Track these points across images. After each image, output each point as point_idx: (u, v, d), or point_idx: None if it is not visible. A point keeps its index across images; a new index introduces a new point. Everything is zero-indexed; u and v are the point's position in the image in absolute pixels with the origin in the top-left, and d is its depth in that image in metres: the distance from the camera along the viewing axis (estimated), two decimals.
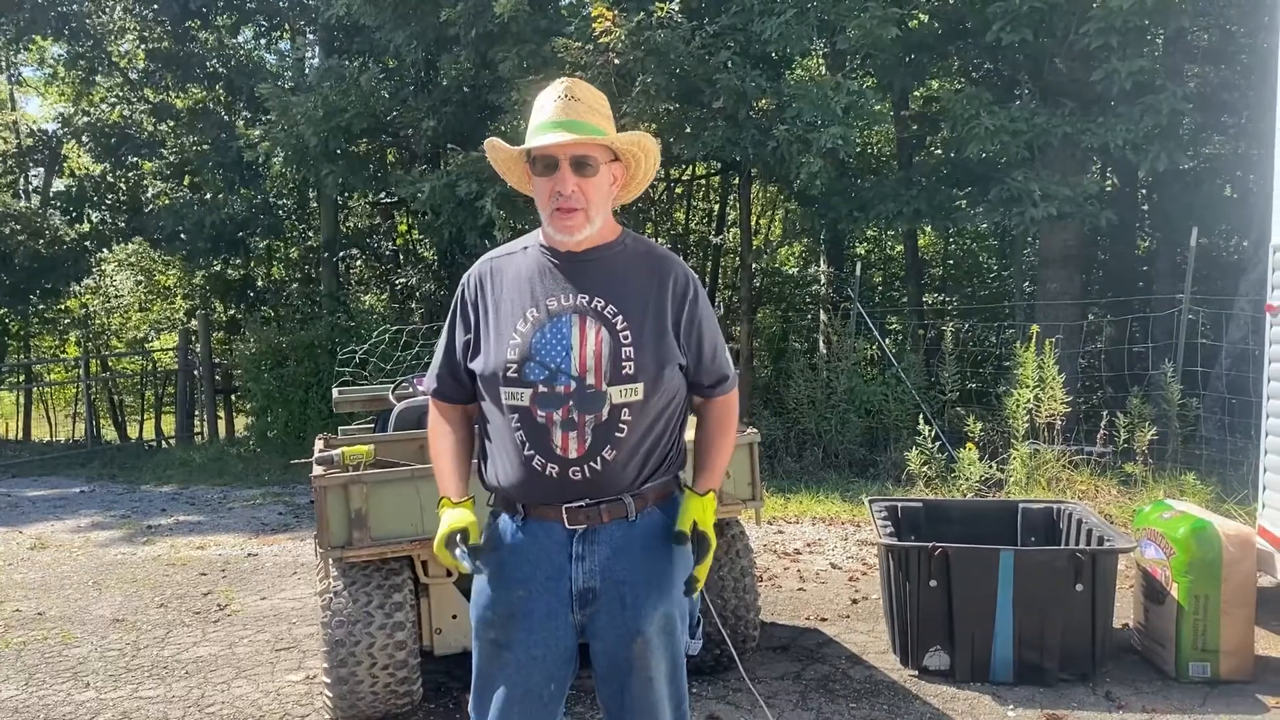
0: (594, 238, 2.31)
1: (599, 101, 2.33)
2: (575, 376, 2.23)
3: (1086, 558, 4.11)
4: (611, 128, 2.33)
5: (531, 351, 2.25)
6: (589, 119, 2.26)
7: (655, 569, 2.31)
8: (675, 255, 2.44)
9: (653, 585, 2.30)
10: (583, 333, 2.25)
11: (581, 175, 2.25)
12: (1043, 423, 7.92)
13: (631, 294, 2.29)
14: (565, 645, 2.32)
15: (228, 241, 15.08)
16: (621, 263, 2.33)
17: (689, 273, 2.38)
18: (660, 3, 9.08)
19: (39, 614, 5.93)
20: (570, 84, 2.29)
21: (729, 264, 16.63)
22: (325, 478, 3.73)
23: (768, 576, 6.05)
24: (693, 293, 2.34)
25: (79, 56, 17.00)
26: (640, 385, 2.24)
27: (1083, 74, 9.21)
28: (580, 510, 2.26)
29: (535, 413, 2.24)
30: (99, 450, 14.78)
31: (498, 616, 2.33)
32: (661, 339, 2.28)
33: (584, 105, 2.27)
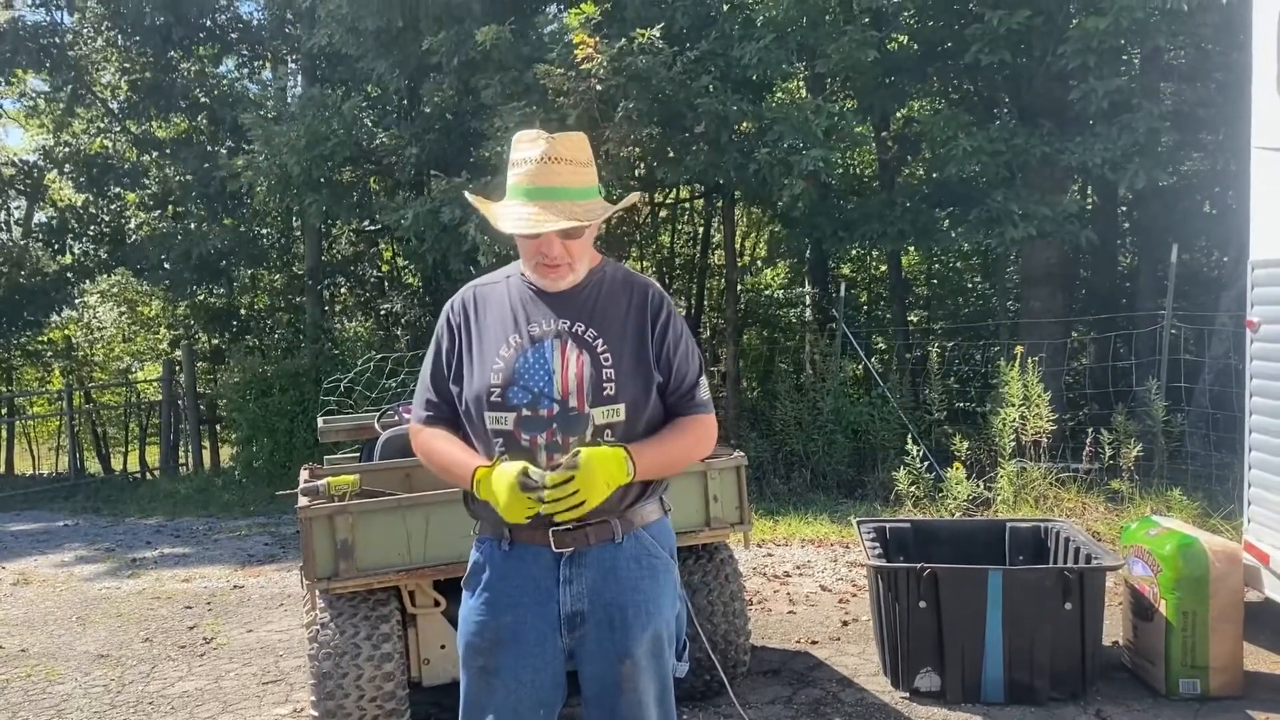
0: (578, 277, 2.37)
1: (580, 151, 2.32)
2: (558, 399, 2.26)
3: (1075, 576, 4.11)
4: (594, 178, 2.35)
5: (514, 376, 2.28)
6: (572, 181, 2.27)
7: (643, 591, 2.31)
8: (652, 280, 2.45)
9: (640, 607, 2.30)
10: (564, 356, 2.28)
11: (567, 239, 2.28)
12: (1029, 441, 7.94)
13: (611, 318, 2.33)
14: (555, 670, 2.32)
15: (211, 271, 15.06)
16: (601, 289, 2.37)
17: (664, 296, 2.40)
18: (641, 29, 9.14)
19: (22, 650, 5.86)
20: (549, 144, 2.27)
21: (714, 286, 16.66)
22: (311, 508, 3.71)
23: (757, 600, 6.03)
24: (665, 314, 2.36)
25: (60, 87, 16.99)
26: (622, 406, 2.27)
27: (1061, 94, 9.31)
28: (567, 534, 2.25)
29: (519, 436, 2.27)
30: (83, 483, 14.66)
31: (485, 643, 2.32)
32: (641, 361, 2.31)
33: (565, 165, 2.27)
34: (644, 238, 15.61)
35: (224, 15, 15.41)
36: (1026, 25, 8.80)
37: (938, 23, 10.48)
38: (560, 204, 2.24)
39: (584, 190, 2.29)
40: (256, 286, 17.67)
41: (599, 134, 9.43)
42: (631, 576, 2.31)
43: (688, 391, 2.38)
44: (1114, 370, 10.11)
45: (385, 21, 10.11)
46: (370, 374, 8.39)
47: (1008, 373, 8.12)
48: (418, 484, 4.35)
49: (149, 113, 15.95)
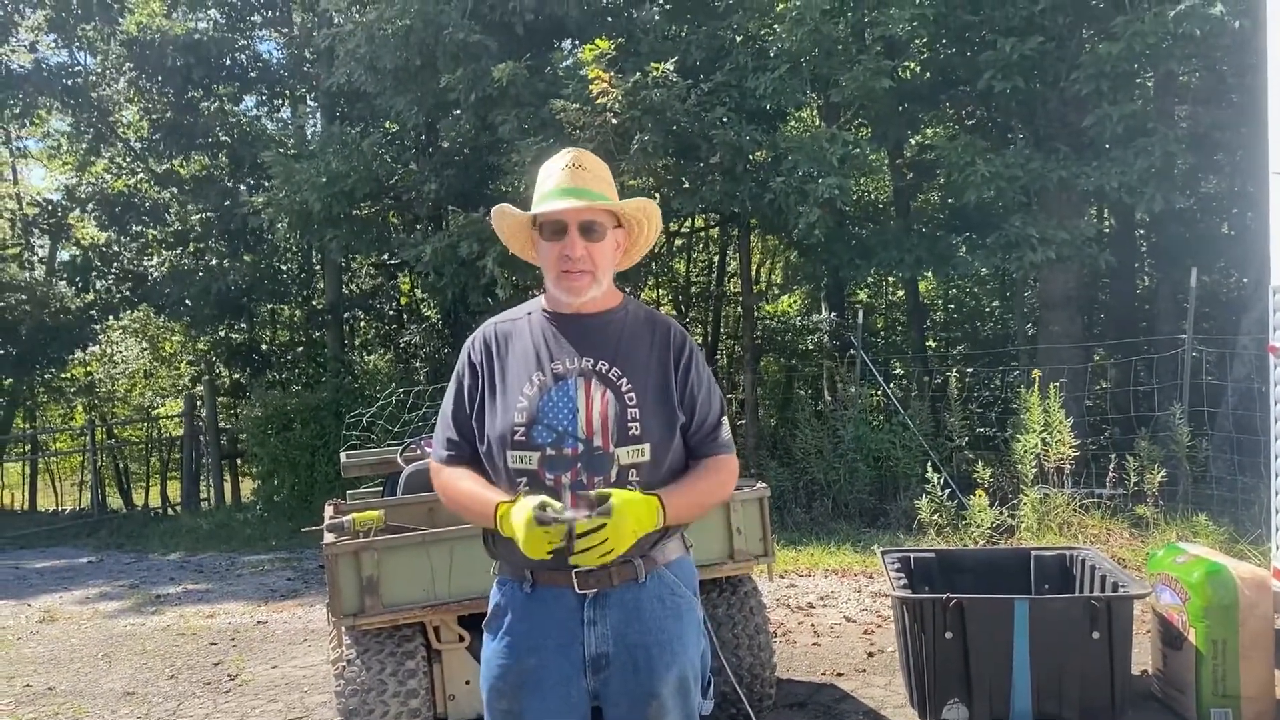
0: (598, 301, 2.35)
1: (603, 170, 2.38)
2: (583, 439, 2.24)
3: (1102, 605, 4.08)
4: (615, 195, 2.37)
5: (539, 415, 2.26)
6: (595, 186, 2.31)
7: (667, 630, 2.29)
8: (673, 320, 2.45)
9: (665, 647, 2.28)
10: (588, 395, 2.26)
11: (589, 240, 2.29)
12: (1051, 467, 7.90)
13: (635, 357, 2.32)
14: (579, 713, 2.30)
15: (232, 307, 15.21)
16: (624, 327, 2.36)
17: (685, 335, 2.40)
18: (655, 63, 9.23)
19: (49, 689, 5.89)
20: (577, 154, 2.34)
21: (731, 314, 16.70)
22: (336, 545, 3.73)
23: (782, 632, 6.00)
24: (688, 353, 2.36)
25: (83, 128, 17.27)
26: (647, 446, 2.26)
27: (1075, 119, 9.33)
28: (590, 574, 2.23)
29: (543, 476, 2.24)
30: (105, 519, 14.75)
31: (509, 687, 2.29)
32: (665, 400, 2.30)
33: (590, 174, 2.32)
34: (660, 267, 15.69)
35: (243, 55, 15.64)
36: (1039, 51, 8.85)
37: (950, 50, 10.53)
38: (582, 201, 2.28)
39: (605, 198, 2.32)
40: (276, 321, 17.82)
41: (615, 167, 9.51)
42: (656, 616, 2.28)
43: (710, 432, 2.36)
44: (1135, 394, 10.06)
45: (403, 60, 10.24)
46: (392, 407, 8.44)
47: (1028, 398, 8.09)
48: (441, 519, 4.36)
49: (170, 151, 16.18)
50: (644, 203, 2.39)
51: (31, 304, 16.24)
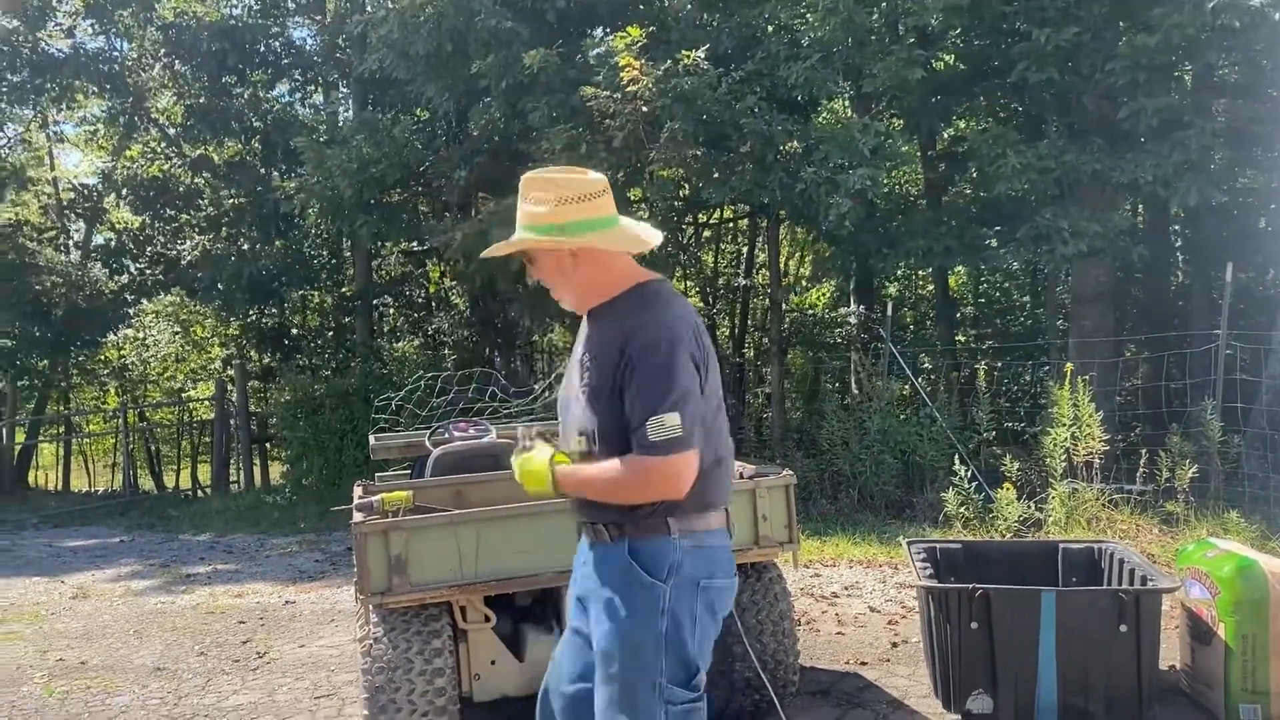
0: (582, 302, 2.65)
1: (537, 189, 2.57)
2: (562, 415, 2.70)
3: (1130, 598, 4.05)
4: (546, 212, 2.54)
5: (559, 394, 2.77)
6: (522, 216, 2.60)
7: (607, 598, 2.52)
8: (647, 320, 2.49)
9: (602, 611, 2.53)
10: (570, 380, 2.65)
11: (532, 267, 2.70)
12: (1080, 461, 7.84)
13: (602, 352, 2.53)
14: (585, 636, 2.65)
15: (263, 292, 15.33)
16: (605, 323, 2.59)
17: (638, 338, 2.46)
18: (687, 51, 9.21)
19: (81, 663, 5.99)
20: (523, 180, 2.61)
21: (758, 305, 16.66)
22: (365, 524, 3.76)
23: (805, 620, 6.00)
24: (632, 354, 2.44)
25: (119, 113, 17.44)
26: (584, 438, 2.54)
27: (1110, 111, 9.23)
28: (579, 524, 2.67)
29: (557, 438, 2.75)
30: (137, 500, 14.95)
31: None
32: (609, 394, 2.48)
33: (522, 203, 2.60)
34: (688, 258, 15.67)
35: (277, 41, 15.74)
36: (1074, 42, 8.75)
37: (984, 41, 10.45)
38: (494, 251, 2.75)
39: (527, 228, 2.57)
40: (307, 307, 17.96)
41: (644, 155, 9.51)
42: (603, 580, 2.55)
43: (635, 430, 2.43)
44: (1167, 390, 9.96)
45: (435, 46, 10.27)
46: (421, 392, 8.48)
47: (1058, 392, 8.03)
48: (468, 500, 4.40)
49: (204, 136, 16.31)
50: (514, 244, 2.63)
51: (66, 287, 16.45)
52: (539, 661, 3.85)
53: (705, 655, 2.58)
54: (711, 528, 2.60)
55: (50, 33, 17.06)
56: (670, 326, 2.48)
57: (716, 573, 2.58)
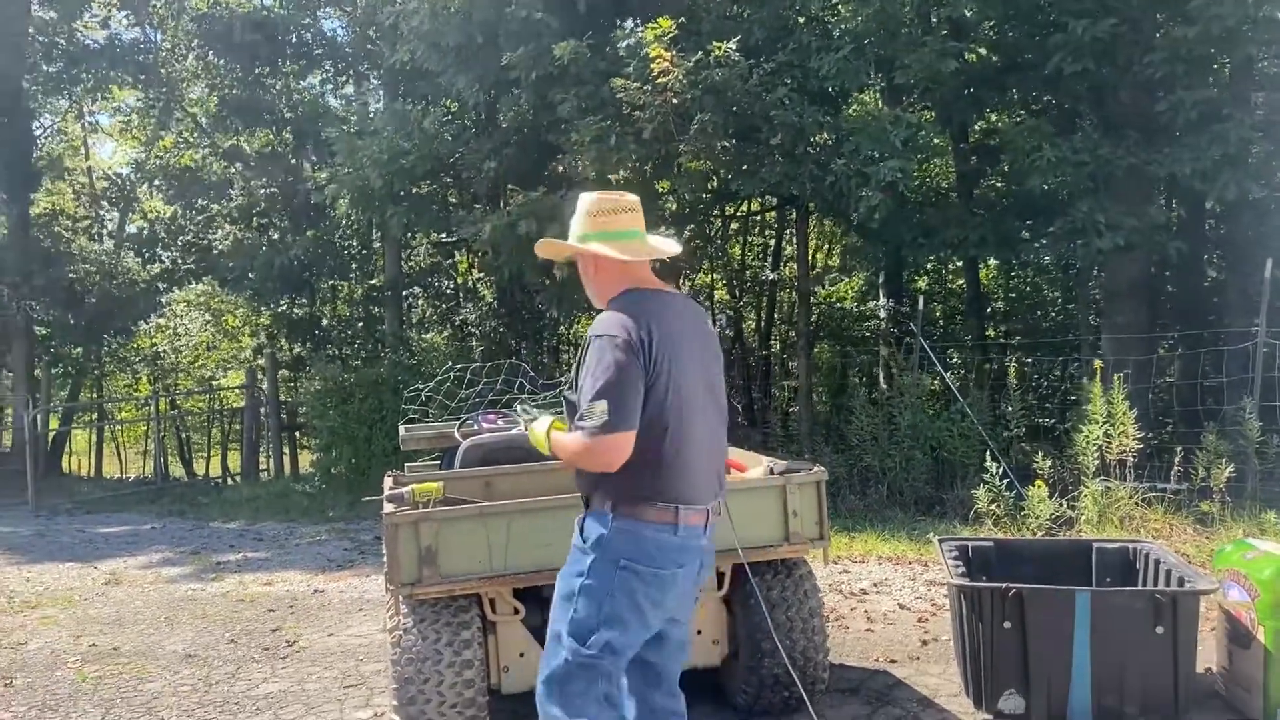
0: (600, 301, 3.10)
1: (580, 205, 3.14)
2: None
3: (1167, 599, 3.99)
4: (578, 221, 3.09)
5: None
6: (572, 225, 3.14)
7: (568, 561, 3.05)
8: (601, 319, 2.96)
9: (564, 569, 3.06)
10: None
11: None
12: (1113, 459, 7.74)
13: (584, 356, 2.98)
14: None
15: (294, 282, 15.42)
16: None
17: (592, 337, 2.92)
18: (717, 42, 9.16)
19: (114, 649, 6.05)
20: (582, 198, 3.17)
21: (785, 299, 16.58)
22: (396, 515, 3.77)
23: (835, 617, 5.96)
24: (585, 352, 2.92)
25: (152, 103, 17.59)
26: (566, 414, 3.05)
27: (1147, 104, 9.10)
28: None
29: None
30: (168, 487, 15.10)
31: None
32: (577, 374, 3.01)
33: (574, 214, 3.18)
34: (715, 251, 15.62)
35: (309, 32, 15.81)
36: (1111, 34, 8.63)
37: (1019, 33, 10.33)
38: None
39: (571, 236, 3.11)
40: (337, 297, 18.06)
41: (673, 147, 9.48)
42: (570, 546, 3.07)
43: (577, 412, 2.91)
44: (1202, 388, 9.83)
45: (466, 37, 10.28)
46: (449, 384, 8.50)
47: (1091, 388, 7.93)
48: (498, 492, 4.40)
49: (236, 127, 16.42)
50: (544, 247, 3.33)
51: (100, 275, 16.63)
52: None
53: (615, 626, 2.90)
54: (656, 520, 2.90)
55: (86, 24, 17.24)
56: (616, 324, 2.88)
57: (642, 560, 2.89)
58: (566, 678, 2.94)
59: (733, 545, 3.87)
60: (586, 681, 2.94)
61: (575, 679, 2.94)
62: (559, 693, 2.95)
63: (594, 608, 2.91)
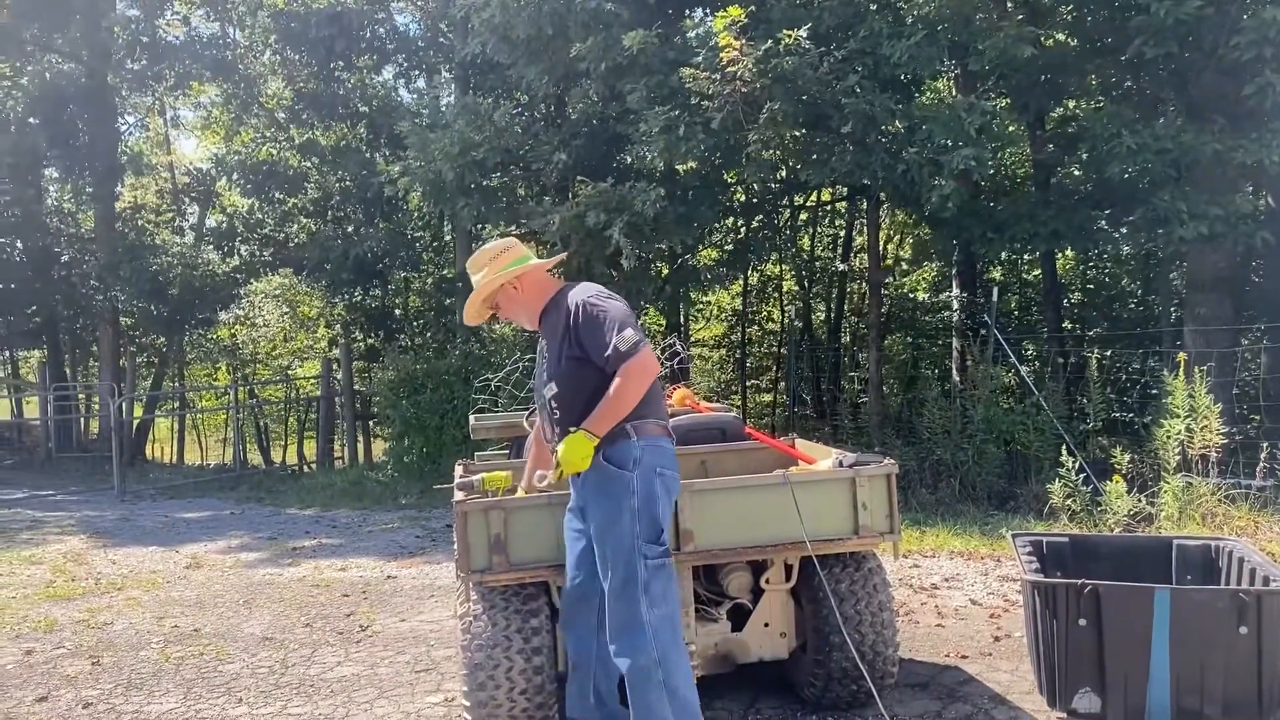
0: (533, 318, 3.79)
1: (476, 260, 3.87)
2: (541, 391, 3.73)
3: (1251, 599, 3.87)
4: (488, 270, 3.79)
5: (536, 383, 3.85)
6: (477, 277, 3.83)
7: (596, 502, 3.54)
8: (574, 293, 3.62)
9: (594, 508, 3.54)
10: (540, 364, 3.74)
11: (499, 313, 3.91)
12: (1195, 454, 7.53)
13: (551, 331, 3.66)
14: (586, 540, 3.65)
15: (368, 273, 15.68)
16: (550, 314, 3.71)
17: (576, 302, 3.55)
18: (788, 30, 9.07)
19: (195, 630, 6.23)
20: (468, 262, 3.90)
21: (855, 290, 16.41)
22: (467, 503, 3.82)
23: (904, 612, 5.90)
24: (572, 316, 3.53)
25: (230, 98, 18.00)
26: (554, 384, 3.60)
27: (1233, 89, 8.79)
28: None
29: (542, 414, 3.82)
30: (246, 474, 15.48)
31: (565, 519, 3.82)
32: (561, 350, 3.57)
33: (472, 270, 3.86)
34: (784, 241, 15.51)
35: (383, 27, 16.03)
36: (1196, 16, 8.34)
37: (1098, 16, 10.05)
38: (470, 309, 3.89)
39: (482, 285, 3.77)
40: (409, 288, 18.32)
41: (742, 137, 9.42)
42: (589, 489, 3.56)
43: (603, 355, 3.45)
44: None
45: (536, 29, 10.32)
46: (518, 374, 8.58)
47: (1173, 382, 7.72)
48: (566, 482, 4.42)
49: (312, 122, 16.72)
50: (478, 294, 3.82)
51: (181, 267, 17.09)
52: None
53: (665, 524, 3.54)
54: (662, 434, 3.60)
55: (168, 21, 17.69)
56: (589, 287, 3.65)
57: (669, 466, 3.57)
58: (649, 581, 3.43)
59: (801, 537, 3.86)
60: (665, 578, 3.48)
61: (655, 579, 3.45)
62: (646, 598, 3.42)
63: (650, 513, 3.47)
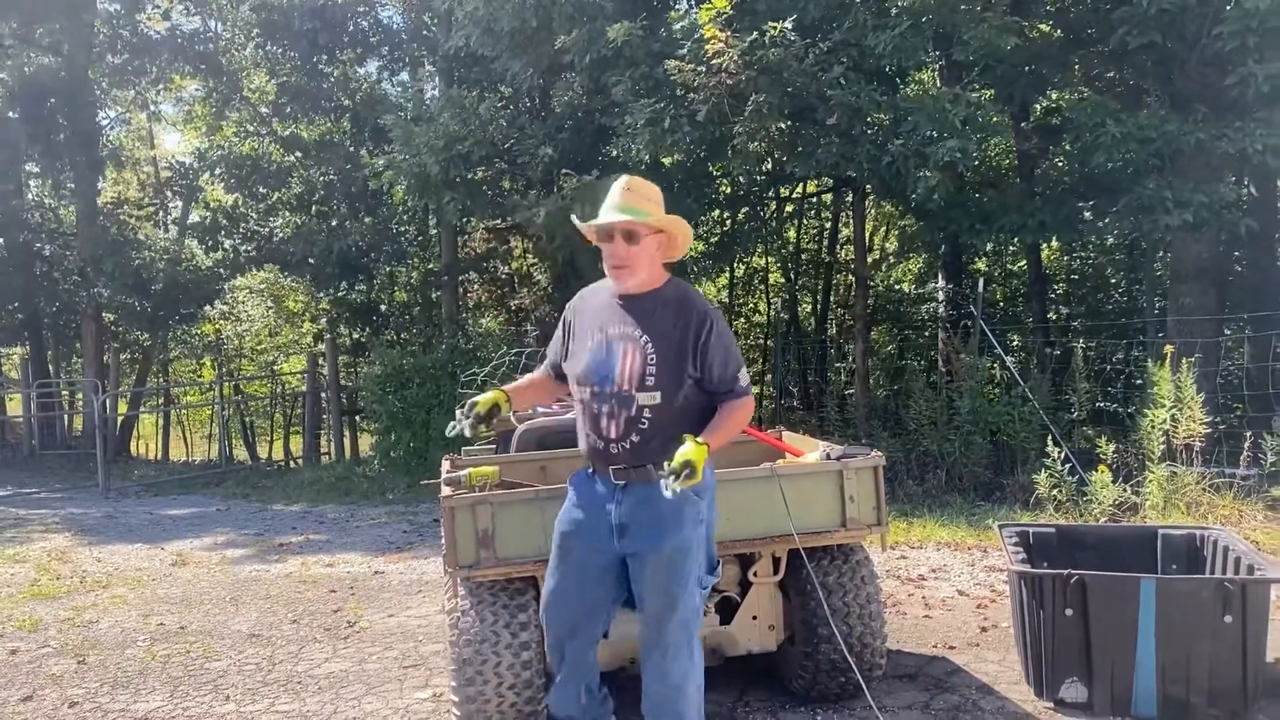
0: (643, 285, 3.28)
1: (650, 190, 3.31)
2: (615, 383, 3.23)
3: (1236, 587, 3.90)
4: (660, 211, 3.27)
5: (592, 363, 3.29)
6: (640, 205, 3.23)
7: (666, 518, 3.21)
8: (701, 300, 3.33)
9: (661, 526, 3.22)
10: (625, 354, 3.24)
11: (630, 244, 3.22)
12: (1180, 444, 7.57)
13: (662, 328, 3.23)
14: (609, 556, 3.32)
15: (353, 267, 15.61)
16: (659, 305, 3.28)
17: (708, 313, 3.26)
18: (773, 22, 9.05)
19: (181, 628, 6.20)
20: (630, 179, 3.29)
21: (841, 282, 16.42)
22: (454, 498, 3.81)
23: (892, 603, 5.91)
24: (708, 328, 3.23)
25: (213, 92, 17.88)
26: (659, 394, 3.20)
27: (1216, 78, 8.82)
28: (620, 471, 3.27)
29: (592, 405, 3.29)
30: (232, 470, 15.41)
31: (570, 530, 3.38)
32: (679, 362, 3.21)
33: (637, 194, 3.26)
34: (770, 234, 15.51)
35: (366, 20, 15.94)
36: (1179, 6, 8.36)
37: (1082, 7, 10.07)
38: (626, 216, 3.19)
39: (646, 214, 3.21)
40: (395, 283, 18.25)
41: (728, 129, 9.40)
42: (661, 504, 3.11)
43: (727, 385, 3.27)
44: (1273, 371, 9.55)
45: (520, 22, 10.28)
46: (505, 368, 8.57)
47: (1158, 372, 7.75)
48: (553, 476, 4.42)
49: (295, 115, 16.63)
50: (674, 220, 3.29)
51: (165, 262, 16.98)
52: (623, 636, 3.87)
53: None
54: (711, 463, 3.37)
55: (149, 15, 17.55)
56: (717, 311, 3.34)
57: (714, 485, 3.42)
58: (700, 608, 3.38)
59: (788, 530, 3.86)
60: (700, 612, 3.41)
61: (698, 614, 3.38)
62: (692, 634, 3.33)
63: (711, 542, 3.41)
